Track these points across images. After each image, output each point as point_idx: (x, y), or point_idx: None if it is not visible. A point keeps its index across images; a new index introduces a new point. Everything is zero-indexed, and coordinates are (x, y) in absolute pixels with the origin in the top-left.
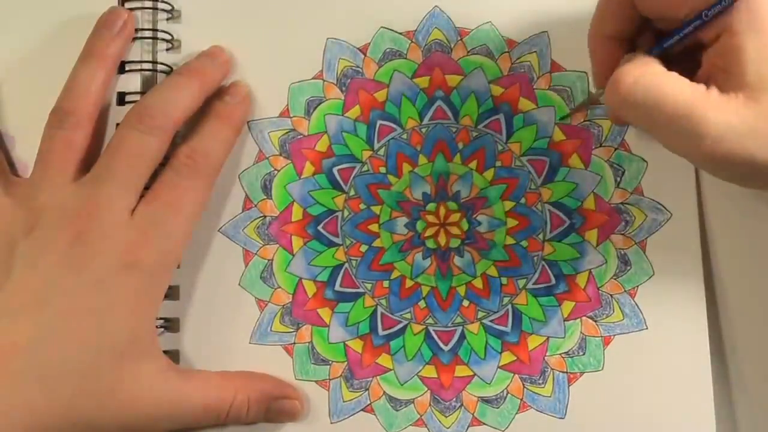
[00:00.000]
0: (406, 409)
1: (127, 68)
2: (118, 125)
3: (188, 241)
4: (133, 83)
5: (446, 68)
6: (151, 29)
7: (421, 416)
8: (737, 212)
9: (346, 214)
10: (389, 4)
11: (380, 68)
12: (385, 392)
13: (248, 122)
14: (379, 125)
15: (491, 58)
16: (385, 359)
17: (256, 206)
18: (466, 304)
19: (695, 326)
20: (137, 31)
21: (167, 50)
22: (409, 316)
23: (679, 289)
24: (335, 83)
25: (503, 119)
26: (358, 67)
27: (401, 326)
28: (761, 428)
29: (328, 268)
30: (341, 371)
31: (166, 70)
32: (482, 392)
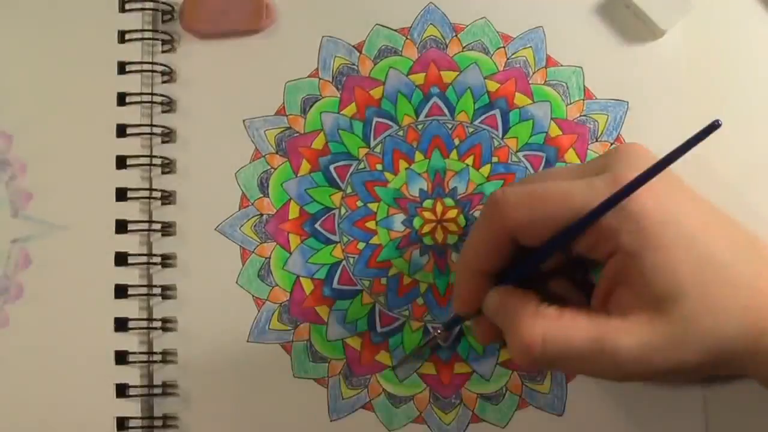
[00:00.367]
0: (405, 406)
1: (127, 69)
2: (118, 125)
3: None
4: (133, 83)
5: (441, 64)
6: (151, 30)
7: (420, 413)
8: None
9: (343, 211)
10: (384, 1)
11: (376, 65)
12: (384, 389)
13: (244, 120)
14: (375, 122)
15: (486, 53)
16: (383, 356)
17: (252, 204)
18: None
19: None
20: (137, 31)
21: (167, 51)
22: (407, 313)
23: None
24: (331, 81)
25: (499, 115)
26: (353, 64)
27: (399, 323)
28: (752, 425)
29: (325, 265)
30: (340, 369)
31: (165, 70)
32: (481, 389)
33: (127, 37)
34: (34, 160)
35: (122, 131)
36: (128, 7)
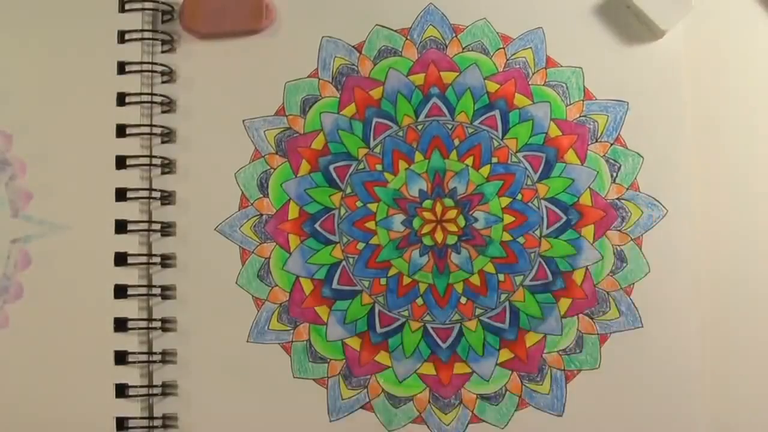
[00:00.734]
0: (405, 406)
1: (127, 69)
2: (117, 125)
3: None
4: (133, 83)
5: (441, 65)
6: (150, 30)
7: (420, 413)
8: None
9: (342, 211)
10: (384, 1)
11: (375, 66)
12: (383, 390)
13: (244, 121)
14: (374, 123)
15: (486, 54)
16: (383, 357)
17: (252, 205)
18: (463, 301)
19: (689, 324)
20: (137, 31)
21: (167, 51)
22: (406, 313)
23: (674, 286)
24: (330, 81)
25: (499, 115)
26: (353, 64)
27: (399, 323)
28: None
29: (325, 265)
30: (339, 369)
31: (165, 70)
32: (481, 389)
33: (127, 37)
34: (34, 160)
35: (122, 131)
36: (128, 7)
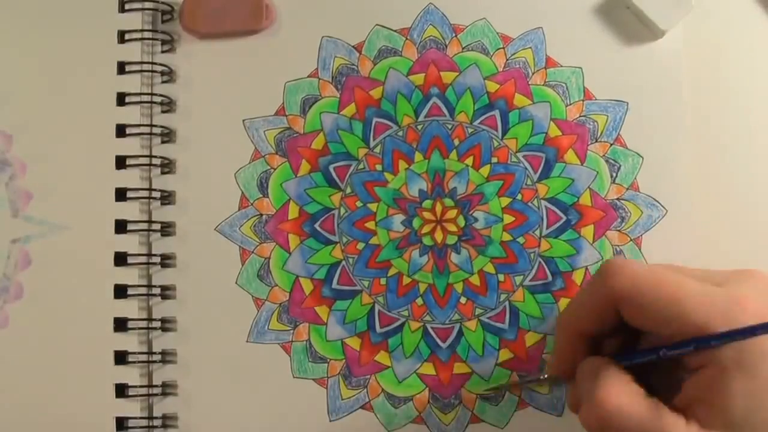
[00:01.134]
0: (405, 406)
1: (126, 69)
2: (117, 125)
3: None
4: (132, 83)
5: (441, 65)
6: (150, 30)
7: (420, 413)
8: None
9: (342, 211)
10: (384, 2)
11: (375, 66)
12: (383, 390)
13: (243, 121)
14: (374, 123)
15: (486, 54)
16: (383, 357)
17: (252, 204)
18: (463, 301)
19: None
20: (137, 31)
21: (166, 51)
22: (406, 313)
23: None
24: (330, 81)
25: (499, 115)
26: (353, 64)
27: (399, 323)
28: None
29: (325, 265)
30: (339, 369)
31: (165, 70)
32: (481, 389)
33: (127, 37)
34: (34, 160)
35: (122, 131)
36: (128, 7)
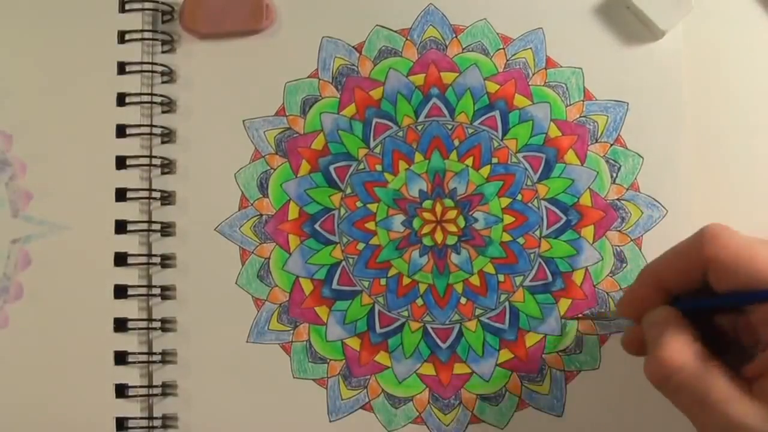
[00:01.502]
0: (404, 407)
1: (127, 69)
2: (117, 126)
3: None
4: (133, 84)
5: (441, 65)
6: (151, 30)
7: (420, 414)
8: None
9: (342, 212)
10: (384, 2)
11: (376, 66)
12: (383, 390)
13: (244, 121)
14: (374, 123)
15: (486, 54)
16: (383, 357)
17: (252, 205)
18: (463, 301)
19: None
20: (137, 32)
21: (167, 52)
22: (406, 313)
23: None
24: (331, 81)
25: (499, 116)
26: (353, 65)
27: (399, 324)
28: None
29: (325, 266)
30: (339, 369)
31: (165, 70)
32: (481, 390)
33: (127, 37)
34: (34, 160)
35: (122, 131)
36: (128, 7)
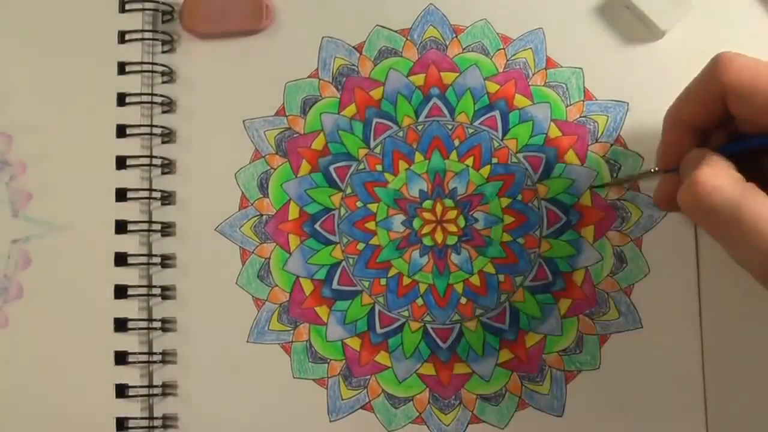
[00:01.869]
0: (405, 407)
1: (127, 69)
2: (118, 126)
3: None
4: (133, 84)
5: (441, 65)
6: (151, 30)
7: (420, 414)
8: None
9: (342, 212)
10: (384, 2)
11: (376, 66)
12: (383, 390)
13: (244, 121)
14: (375, 123)
15: (486, 54)
16: (383, 357)
17: (252, 205)
18: (463, 301)
19: (688, 325)
20: (137, 32)
21: (167, 52)
22: (406, 313)
23: (673, 287)
24: (331, 82)
25: (499, 116)
26: (353, 65)
27: (399, 324)
28: (750, 425)
29: (325, 266)
30: (339, 369)
31: (165, 71)
32: (481, 390)
33: (127, 37)
34: (34, 160)
35: (122, 131)
36: (128, 7)
